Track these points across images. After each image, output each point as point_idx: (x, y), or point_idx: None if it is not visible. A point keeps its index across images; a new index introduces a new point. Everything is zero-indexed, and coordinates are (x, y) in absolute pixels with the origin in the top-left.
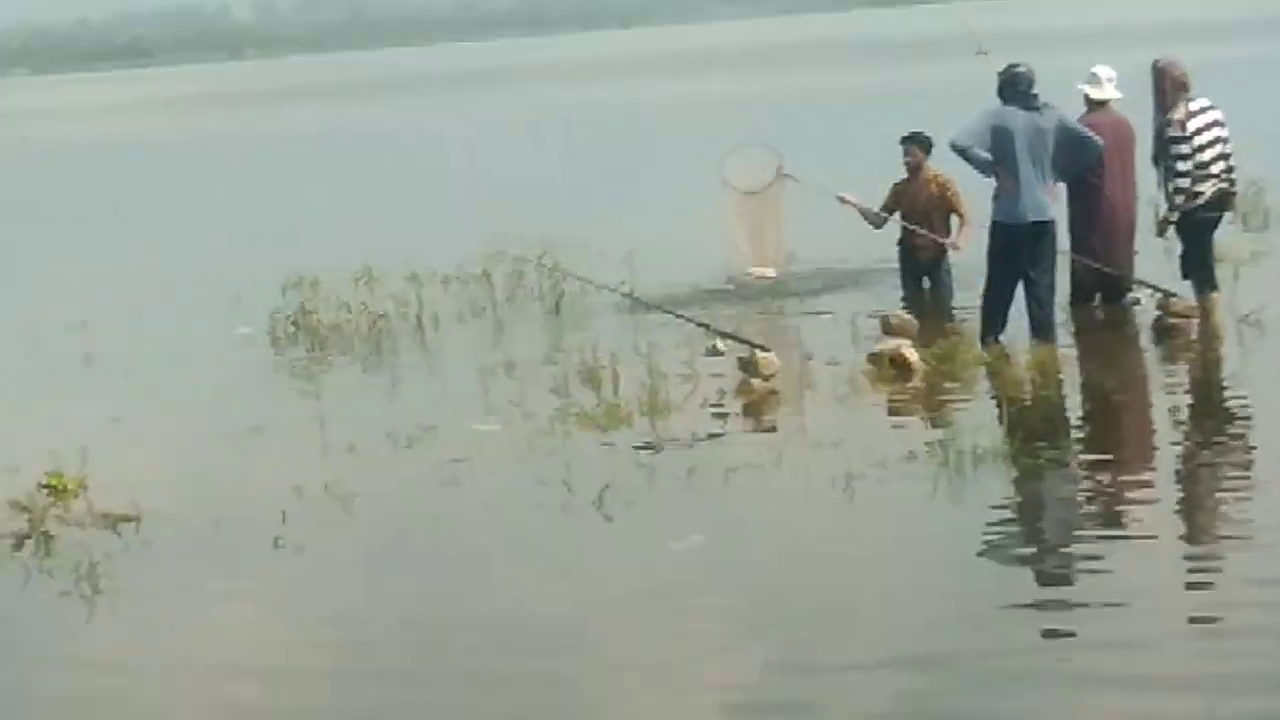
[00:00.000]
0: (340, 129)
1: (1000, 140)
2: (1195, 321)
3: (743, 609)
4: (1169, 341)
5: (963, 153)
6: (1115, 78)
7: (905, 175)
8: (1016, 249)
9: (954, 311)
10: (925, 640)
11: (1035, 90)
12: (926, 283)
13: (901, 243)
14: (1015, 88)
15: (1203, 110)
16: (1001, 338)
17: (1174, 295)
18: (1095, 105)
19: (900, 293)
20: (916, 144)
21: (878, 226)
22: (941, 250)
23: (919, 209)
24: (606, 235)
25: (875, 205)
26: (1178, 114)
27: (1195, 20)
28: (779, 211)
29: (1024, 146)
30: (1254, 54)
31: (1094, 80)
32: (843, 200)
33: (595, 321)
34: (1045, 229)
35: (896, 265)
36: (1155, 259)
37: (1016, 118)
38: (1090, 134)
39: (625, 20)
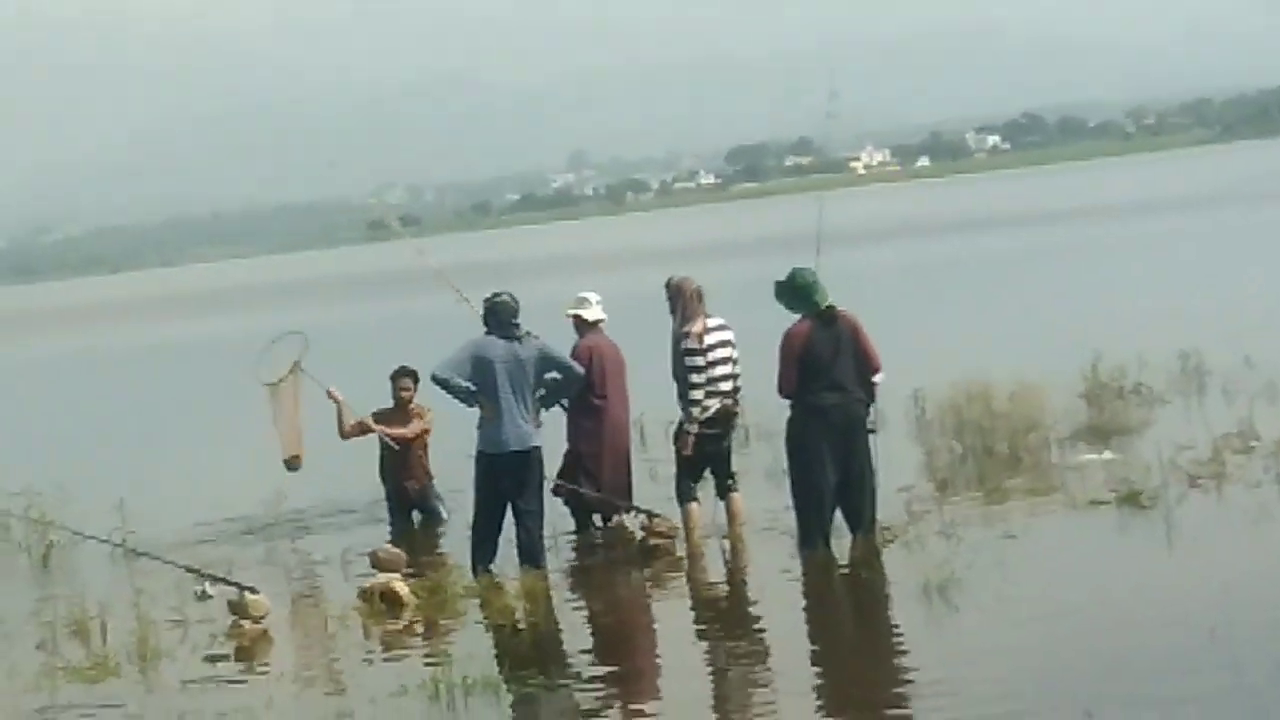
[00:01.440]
0: None
1: (481, 370)
2: (678, 540)
3: None
4: (655, 562)
5: (443, 384)
6: (601, 300)
7: (391, 405)
8: (501, 477)
9: (444, 542)
10: None
11: (517, 320)
12: (417, 515)
13: (388, 477)
14: (497, 318)
15: (719, 328)
16: (492, 566)
17: (657, 515)
18: (588, 327)
19: (389, 527)
20: (408, 376)
21: (344, 436)
22: (429, 481)
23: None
24: (97, 482)
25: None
26: (696, 327)
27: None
28: (297, 399)
29: (504, 376)
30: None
31: (584, 303)
32: (331, 395)
33: (85, 572)
34: (529, 457)
35: (385, 500)
36: (639, 478)
37: (496, 348)
38: (572, 362)
39: (115, 266)
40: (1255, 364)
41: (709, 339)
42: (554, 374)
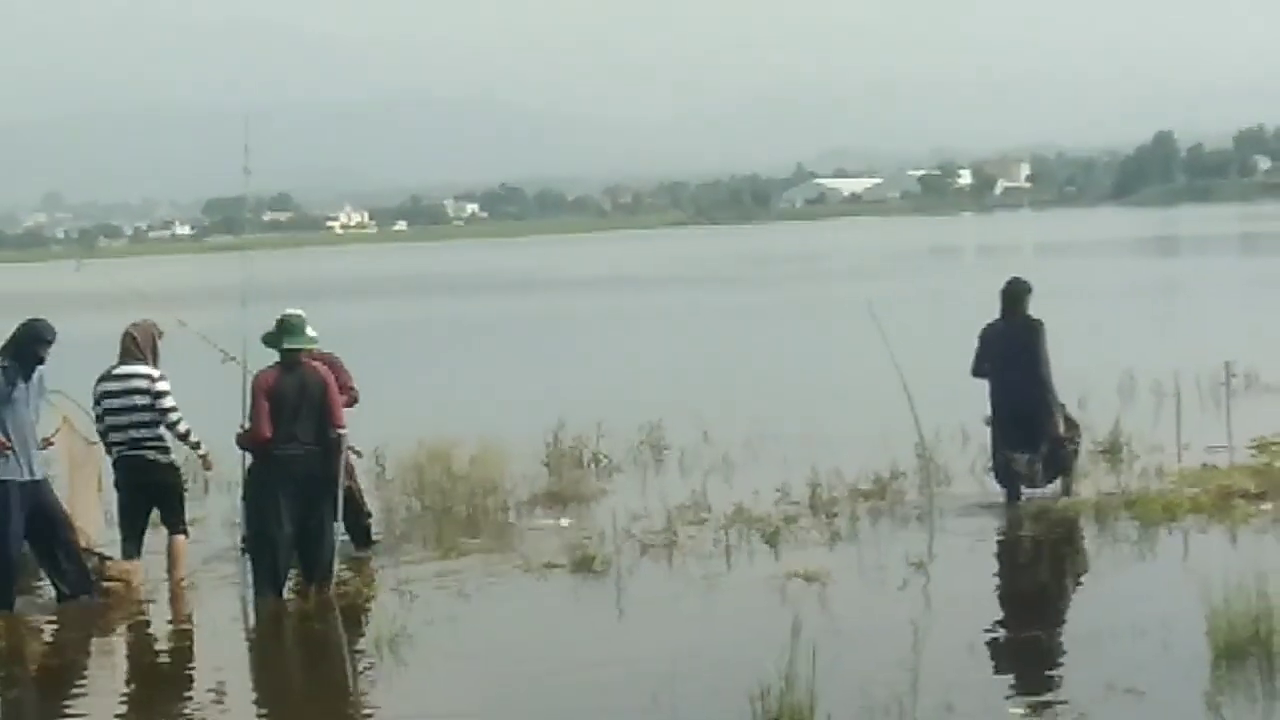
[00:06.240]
0: None
1: None
2: (131, 584)
3: None
4: (108, 605)
5: None
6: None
7: None
8: None
9: None
10: None
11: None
12: None
13: None
14: None
15: (123, 376)
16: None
17: (109, 558)
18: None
19: None
20: None
21: None
22: None
23: None
24: None
25: None
26: (103, 373)
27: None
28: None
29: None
30: None
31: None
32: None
33: None
34: None
35: None
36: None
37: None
38: None
39: None
40: (712, 440)
41: (101, 387)
42: None
